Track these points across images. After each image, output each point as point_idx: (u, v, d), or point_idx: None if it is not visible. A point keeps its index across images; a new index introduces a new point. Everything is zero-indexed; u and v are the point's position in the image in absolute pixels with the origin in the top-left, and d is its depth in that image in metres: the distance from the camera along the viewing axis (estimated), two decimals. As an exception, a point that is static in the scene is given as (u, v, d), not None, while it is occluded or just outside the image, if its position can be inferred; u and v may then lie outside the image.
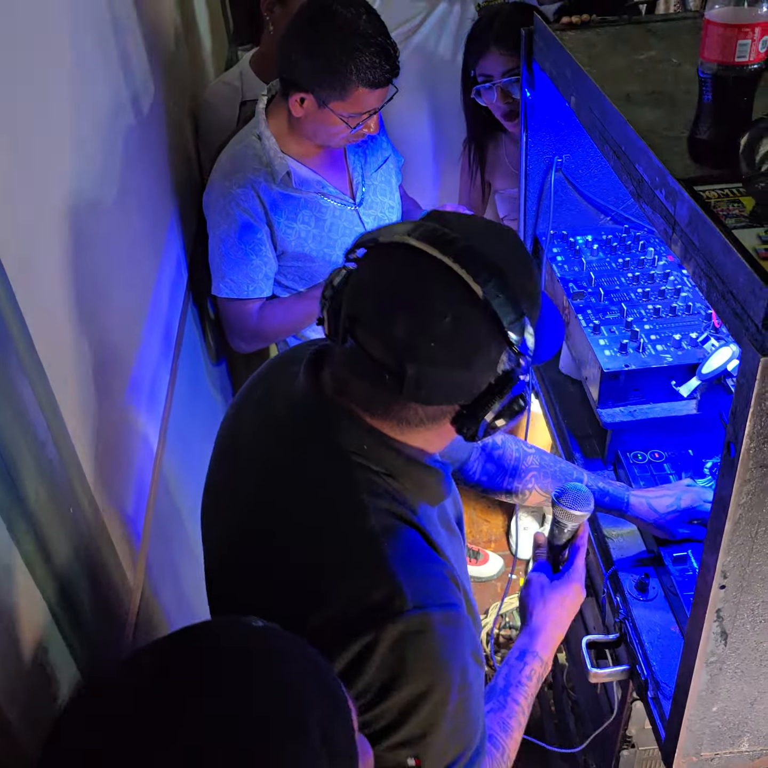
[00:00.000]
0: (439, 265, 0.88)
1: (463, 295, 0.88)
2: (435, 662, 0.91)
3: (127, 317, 1.43)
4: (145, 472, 1.40)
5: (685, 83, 1.23)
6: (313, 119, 1.80)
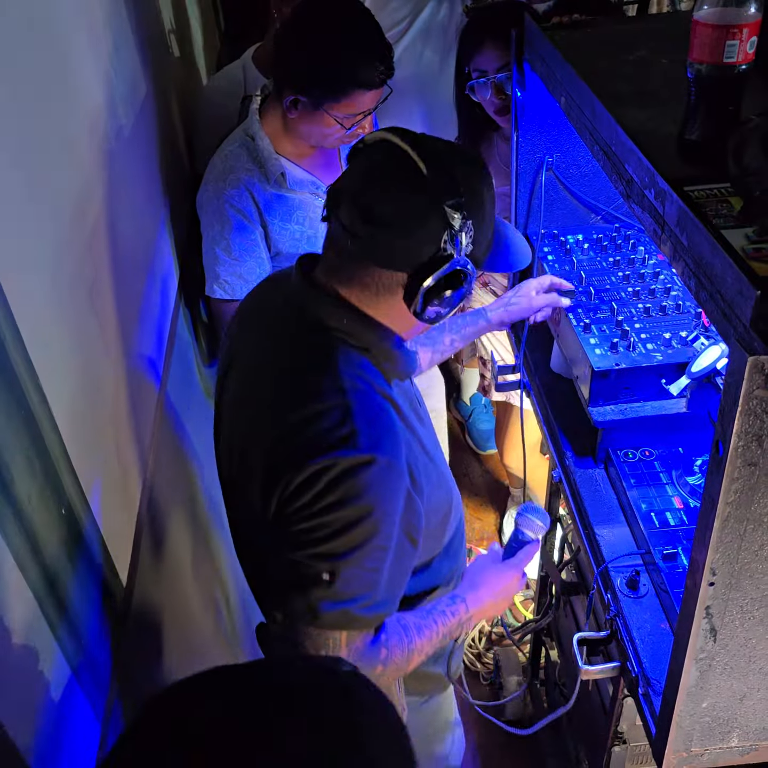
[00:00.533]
0: (401, 151, 1.10)
1: (412, 173, 1.08)
2: (377, 496, 1.09)
3: (118, 319, 1.43)
4: (137, 473, 1.40)
5: (674, 83, 1.23)
6: (308, 120, 1.80)
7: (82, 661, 1.02)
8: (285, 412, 1.13)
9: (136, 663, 1.23)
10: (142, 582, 1.29)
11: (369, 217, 1.08)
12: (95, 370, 1.26)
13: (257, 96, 1.89)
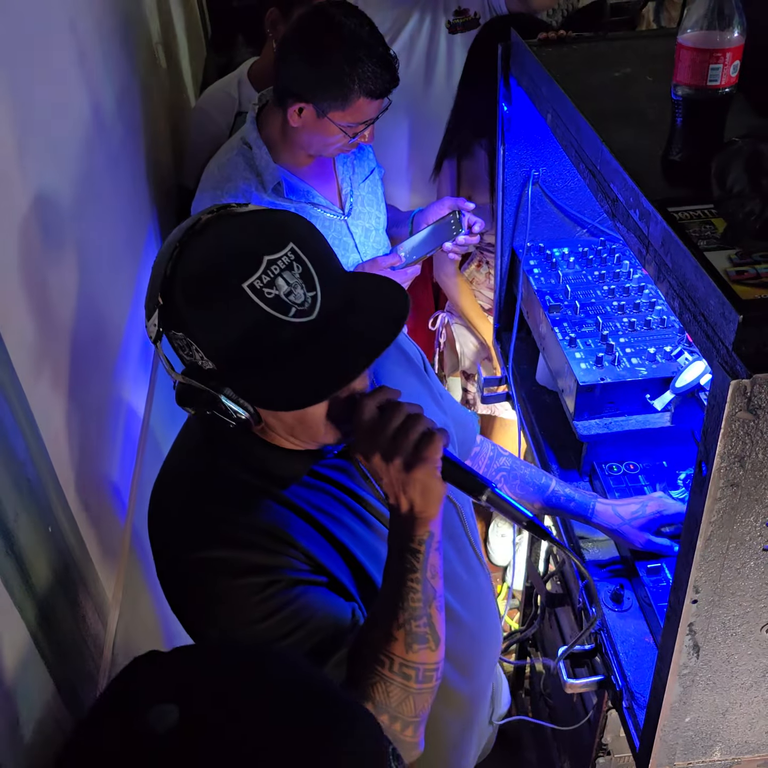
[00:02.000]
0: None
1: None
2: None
3: (105, 332, 1.42)
4: (124, 489, 1.40)
5: (660, 102, 1.25)
6: (311, 129, 1.81)
7: (68, 677, 1.01)
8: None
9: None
10: (129, 599, 1.28)
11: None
12: (82, 387, 1.25)
13: (255, 104, 1.89)
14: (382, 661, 1.00)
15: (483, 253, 2.46)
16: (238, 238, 0.94)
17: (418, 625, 1.01)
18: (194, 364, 0.95)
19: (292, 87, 1.78)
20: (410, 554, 1.00)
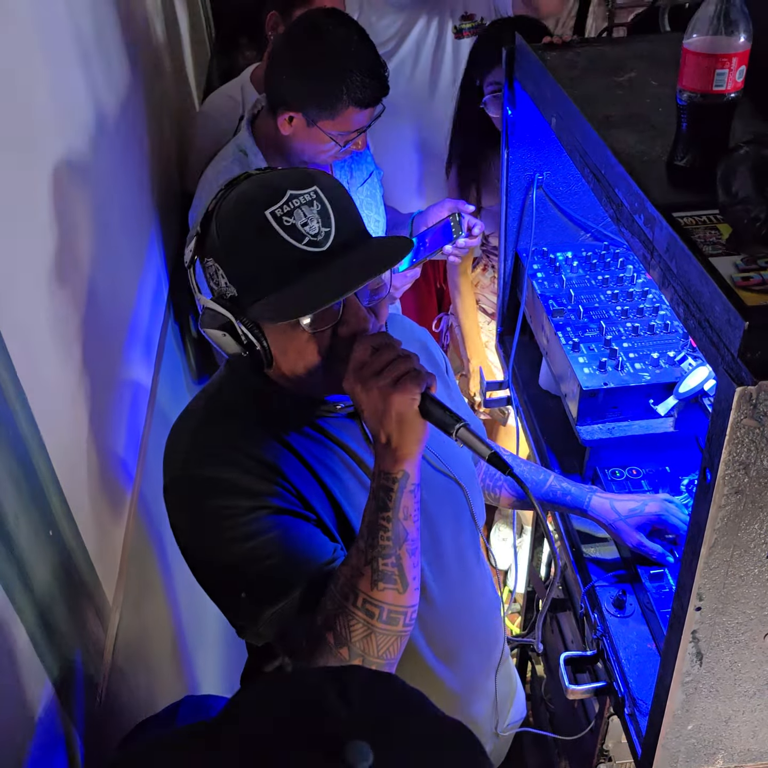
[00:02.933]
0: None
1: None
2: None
3: (107, 335, 1.42)
4: (125, 493, 1.39)
5: (665, 106, 1.25)
6: (302, 137, 1.81)
7: (68, 682, 1.01)
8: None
9: (123, 682, 1.22)
10: (129, 602, 1.28)
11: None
12: (83, 388, 1.25)
13: (250, 111, 1.89)
14: (347, 595, 1.02)
15: (489, 257, 2.45)
16: (269, 178, 1.06)
17: (385, 563, 1.02)
18: (220, 292, 1.05)
19: (281, 96, 1.77)
20: (383, 492, 1.03)
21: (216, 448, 1.09)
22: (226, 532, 1.05)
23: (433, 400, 1.02)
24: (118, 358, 1.45)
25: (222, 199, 1.05)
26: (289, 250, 1.00)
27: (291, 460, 1.11)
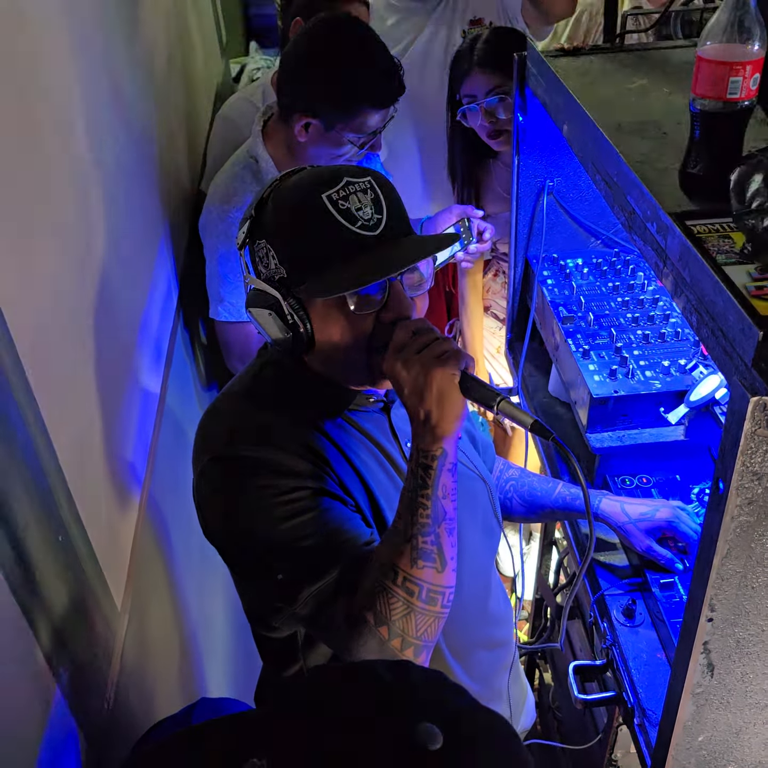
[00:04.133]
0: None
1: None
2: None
3: (117, 340, 1.42)
4: (134, 498, 1.39)
5: (676, 113, 1.24)
6: (319, 143, 1.80)
7: (76, 686, 1.01)
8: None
9: (131, 686, 1.22)
10: (137, 606, 1.28)
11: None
12: (93, 393, 1.25)
13: (260, 117, 1.89)
14: (386, 573, 1.02)
15: (500, 263, 2.45)
16: (326, 167, 1.11)
17: (425, 541, 1.03)
18: (269, 274, 1.08)
19: (297, 102, 1.77)
20: (422, 469, 1.04)
21: (259, 430, 1.11)
22: (267, 511, 1.06)
23: (472, 378, 1.05)
24: (127, 363, 1.45)
25: (278, 186, 1.10)
26: (343, 232, 1.04)
27: (330, 448, 1.13)
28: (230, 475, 1.09)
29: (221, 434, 1.12)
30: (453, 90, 2.19)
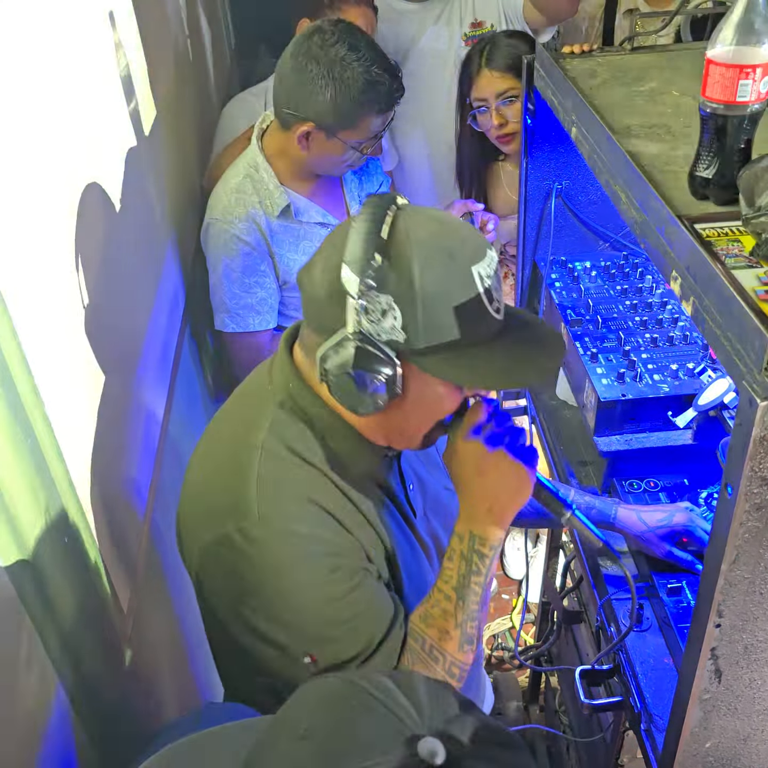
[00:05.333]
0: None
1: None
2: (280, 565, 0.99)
3: (124, 350, 1.42)
4: (141, 499, 1.39)
5: (686, 116, 1.24)
6: (321, 151, 1.79)
7: (82, 691, 1.01)
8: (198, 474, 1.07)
9: (137, 689, 1.22)
10: (143, 609, 1.28)
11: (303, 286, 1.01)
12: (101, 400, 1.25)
13: (259, 125, 1.87)
14: (436, 658, 1.03)
15: (508, 266, 2.45)
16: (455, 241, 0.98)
17: (472, 626, 1.04)
18: (376, 331, 0.93)
19: (296, 111, 1.75)
20: (478, 556, 1.03)
21: (290, 500, 1.01)
22: (314, 593, 1.00)
23: (540, 482, 1.04)
24: (134, 374, 1.44)
25: (409, 236, 0.94)
26: (484, 313, 0.95)
27: (352, 512, 1.06)
28: (260, 553, 0.99)
29: (243, 503, 0.99)
30: (463, 93, 2.19)
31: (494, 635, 2.79)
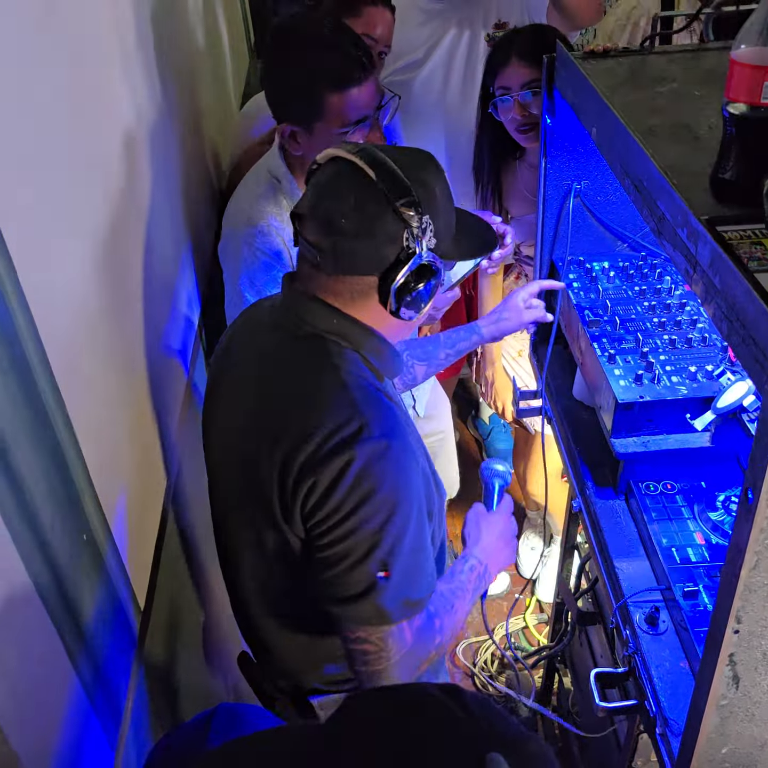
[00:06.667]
0: (349, 163, 1.14)
1: (362, 181, 1.12)
2: (400, 477, 1.13)
3: (144, 353, 1.41)
4: (158, 497, 1.40)
5: (707, 117, 1.23)
6: (312, 150, 1.69)
7: (99, 688, 1.01)
8: (291, 418, 1.15)
9: (153, 687, 1.22)
10: (160, 606, 1.28)
11: (328, 229, 1.13)
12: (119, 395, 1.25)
13: (279, 134, 1.79)
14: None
15: (522, 266, 2.44)
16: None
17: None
18: (429, 246, 1.16)
19: (276, 113, 1.72)
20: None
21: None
22: (415, 512, 1.15)
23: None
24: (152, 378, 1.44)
25: (435, 169, 1.21)
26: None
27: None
28: (397, 466, 1.13)
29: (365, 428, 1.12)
30: (486, 82, 2.18)
31: (507, 634, 2.78)
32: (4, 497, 0.81)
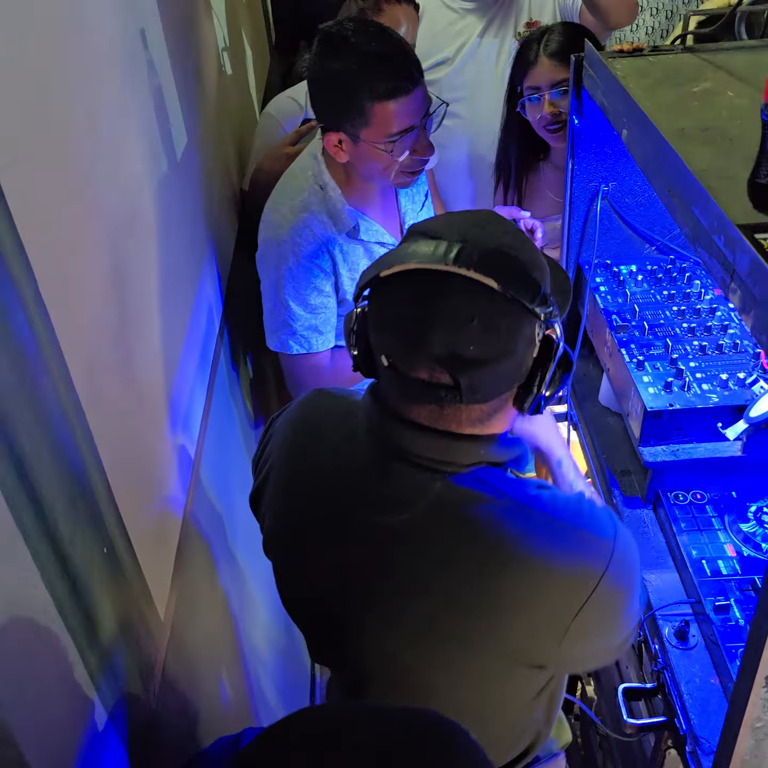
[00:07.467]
0: (446, 276, 0.93)
1: (480, 293, 0.93)
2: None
3: (163, 365, 1.39)
4: (177, 510, 1.38)
5: (742, 118, 1.19)
6: (358, 158, 1.71)
7: (119, 702, 1.00)
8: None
9: (173, 699, 1.21)
10: (180, 618, 1.27)
11: (454, 364, 0.94)
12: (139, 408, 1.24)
13: (320, 139, 1.78)
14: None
15: None
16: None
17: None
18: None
19: (321, 120, 1.70)
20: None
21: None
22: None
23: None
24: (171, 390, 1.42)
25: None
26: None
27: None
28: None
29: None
30: (514, 82, 2.15)
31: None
32: (22, 510, 0.80)
